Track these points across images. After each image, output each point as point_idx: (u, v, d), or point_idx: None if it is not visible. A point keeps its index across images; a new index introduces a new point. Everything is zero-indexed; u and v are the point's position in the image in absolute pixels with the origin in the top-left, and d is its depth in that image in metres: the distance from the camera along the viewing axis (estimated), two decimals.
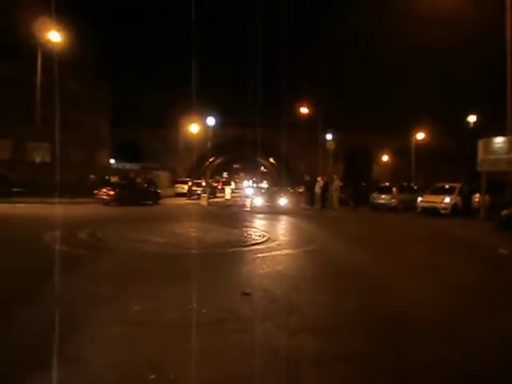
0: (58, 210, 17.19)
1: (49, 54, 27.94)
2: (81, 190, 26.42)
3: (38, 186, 24.99)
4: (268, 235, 11.47)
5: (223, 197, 38.30)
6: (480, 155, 18.35)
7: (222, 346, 3.82)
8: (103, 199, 23.25)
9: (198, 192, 34.85)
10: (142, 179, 34.36)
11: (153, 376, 3.21)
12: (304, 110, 35.56)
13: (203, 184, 40.71)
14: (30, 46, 28.91)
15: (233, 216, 19.64)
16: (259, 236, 11.38)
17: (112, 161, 50.68)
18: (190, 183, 40.34)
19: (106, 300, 5.12)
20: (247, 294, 5.39)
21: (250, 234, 11.82)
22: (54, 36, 27.08)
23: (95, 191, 24.52)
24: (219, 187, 51.64)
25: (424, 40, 39.82)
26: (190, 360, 3.54)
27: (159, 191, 29.30)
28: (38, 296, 5.17)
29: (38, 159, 36.49)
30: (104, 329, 4.18)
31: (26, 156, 36.15)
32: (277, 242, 10.33)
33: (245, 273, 6.80)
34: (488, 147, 17.91)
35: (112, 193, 23.42)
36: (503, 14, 16.46)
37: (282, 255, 8.62)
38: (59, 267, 6.31)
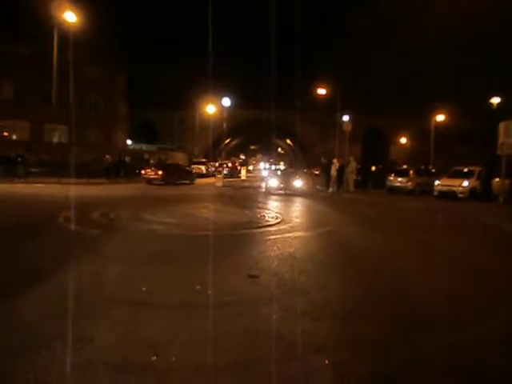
0: (75, 190, 17.34)
1: (66, 36, 27.96)
2: (97, 170, 26.78)
3: (55, 167, 25.29)
4: (281, 217, 11.40)
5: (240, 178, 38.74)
6: (501, 138, 17.88)
7: (227, 330, 3.77)
8: (149, 178, 26.28)
9: (225, 172, 38.53)
10: (155, 160, 35.99)
11: (154, 357, 3.18)
12: (321, 92, 35.06)
13: (229, 165, 45.43)
14: (47, 27, 28.95)
15: (247, 197, 19.62)
16: (272, 218, 11.31)
17: (129, 142, 50.96)
18: (217, 164, 43.86)
19: (112, 280, 5.13)
20: (255, 277, 5.33)
21: (264, 216, 11.76)
22: (71, 16, 27.00)
23: (142, 171, 27.71)
24: (238, 168, 52.60)
25: (443, 17, 38.83)
26: (193, 343, 3.52)
27: (194, 172, 33.27)
28: (43, 275, 5.19)
29: (55, 140, 36.86)
30: (109, 308, 4.17)
31: (43, 137, 36.54)
32: (290, 224, 10.25)
33: (255, 255, 6.74)
34: (509, 130, 17.44)
35: (161, 172, 26.44)
36: None
37: (294, 237, 8.52)
38: (70, 246, 6.36)
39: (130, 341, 3.51)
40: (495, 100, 36.61)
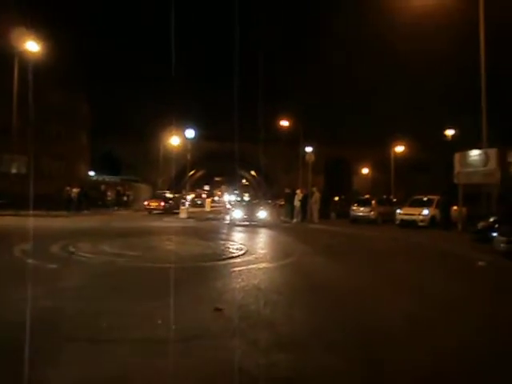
0: (34, 222, 16.80)
1: (26, 65, 27.54)
2: (58, 202, 26.11)
3: (12, 199, 24.43)
4: (246, 248, 11.34)
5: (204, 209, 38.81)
6: (456, 168, 18.52)
7: (191, 365, 3.66)
8: (151, 208, 30.82)
9: (199, 202, 44.31)
10: (111, 192, 37.22)
11: None
12: (284, 123, 35.64)
13: (203, 196, 50.66)
14: (7, 56, 28.48)
15: (212, 229, 19.50)
16: (237, 249, 11.23)
17: (91, 173, 50.04)
18: (193, 195, 47.79)
19: (70, 316, 4.91)
20: (220, 310, 5.23)
21: (228, 247, 11.69)
22: (32, 46, 26.70)
23: (145, 202, 32.52)
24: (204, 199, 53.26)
25: (402, 54, 40.53)
26: (156, 379, 3.39)
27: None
28: None
29: (13, 171, 35.77)
30: (66, 346, 3.97)
31: (0, 168, 35.43)
32: (254, 256, 10.20)
33: (219, 287, 6.64)
34: (464, 160, 18.10)
35: (163, 204, 31.04)
36: (478, 28, 16.78)
37: (259, 269, 8.47)
38: (24, 280, 6.09)
39: (90, 380, 3.34)
40: (449, 132, 38.24)
